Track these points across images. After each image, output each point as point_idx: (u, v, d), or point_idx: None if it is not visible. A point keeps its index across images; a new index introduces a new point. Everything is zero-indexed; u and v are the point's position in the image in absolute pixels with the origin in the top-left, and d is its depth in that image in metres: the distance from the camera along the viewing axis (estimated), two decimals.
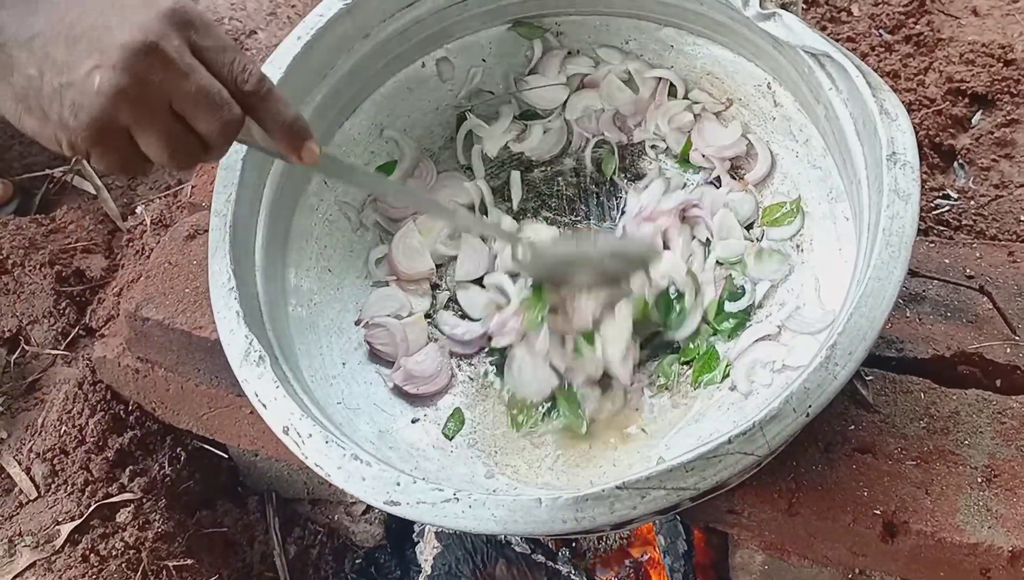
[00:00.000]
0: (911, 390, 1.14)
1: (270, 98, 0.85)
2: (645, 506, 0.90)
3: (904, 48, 1.89)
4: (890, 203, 0.99)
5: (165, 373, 1.36)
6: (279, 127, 0.87)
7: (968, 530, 1.03)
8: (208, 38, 0.82)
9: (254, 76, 0.83)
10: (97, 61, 0.76)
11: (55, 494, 1.39)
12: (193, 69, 0.79)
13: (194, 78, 0.79)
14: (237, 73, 0.83)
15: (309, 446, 0.97)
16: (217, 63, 0.82)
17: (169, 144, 0.80)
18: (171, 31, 0.78)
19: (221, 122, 0.81)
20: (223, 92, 0.81)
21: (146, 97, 0.77)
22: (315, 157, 0.90)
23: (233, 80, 0.82)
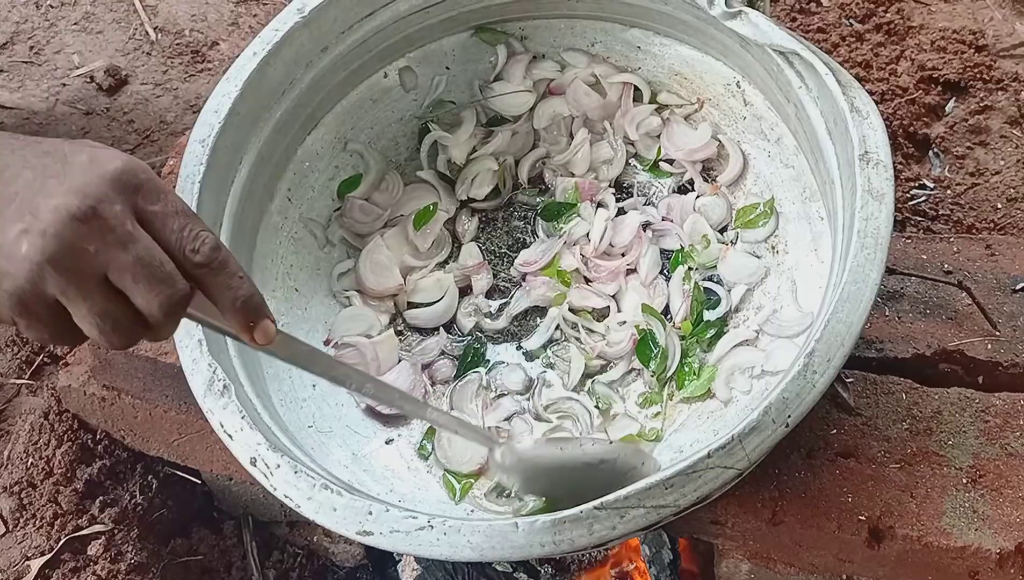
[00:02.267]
0: (892, 391, 1.12)
1: (223, 272, 0.76)
2: (624, 526, 0.88)
3: (875, 37, 1.88)
4: (864, 204, 0.97)
5: (132, 400, 1.32)
6: (231, 304, 0.77)
7: (955, 533, 1.02)
8: (157, 202, 0.73)
9: (206, 245, 0.75)
10: (26, 225, 0.69)
11: (23, 528, 1.35)
12: (134, 238, 0.71)
13: (134, 249, 0.71)
14: (187, 242, 0.74)
15: (278, 477, 0.94)
16: (165, 230, 0.74)
17: (102, 320, 0.72)
18: (114, 194, 0.71)
19: (162, 298, 0.72)
20: (166, 264, 0.73)
21: (77, 267, 0.70)
22: (271, 337, 0.80)
23: (181, 250, 0.74)
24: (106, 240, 0.70)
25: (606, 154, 1.30)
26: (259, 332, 0.79)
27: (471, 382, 1.18)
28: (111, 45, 2.06)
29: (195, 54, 2.04)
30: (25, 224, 0.69)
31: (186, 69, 2.02)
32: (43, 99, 1.97)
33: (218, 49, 2.05)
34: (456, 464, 1.11)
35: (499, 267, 1.27)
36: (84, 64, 2.02)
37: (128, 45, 2.06)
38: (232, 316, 0.78)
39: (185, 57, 2.03)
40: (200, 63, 2.03)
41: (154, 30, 2.08)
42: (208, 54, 2.04)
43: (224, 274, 0.76)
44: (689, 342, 1.16)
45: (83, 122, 1.94)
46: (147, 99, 1.97)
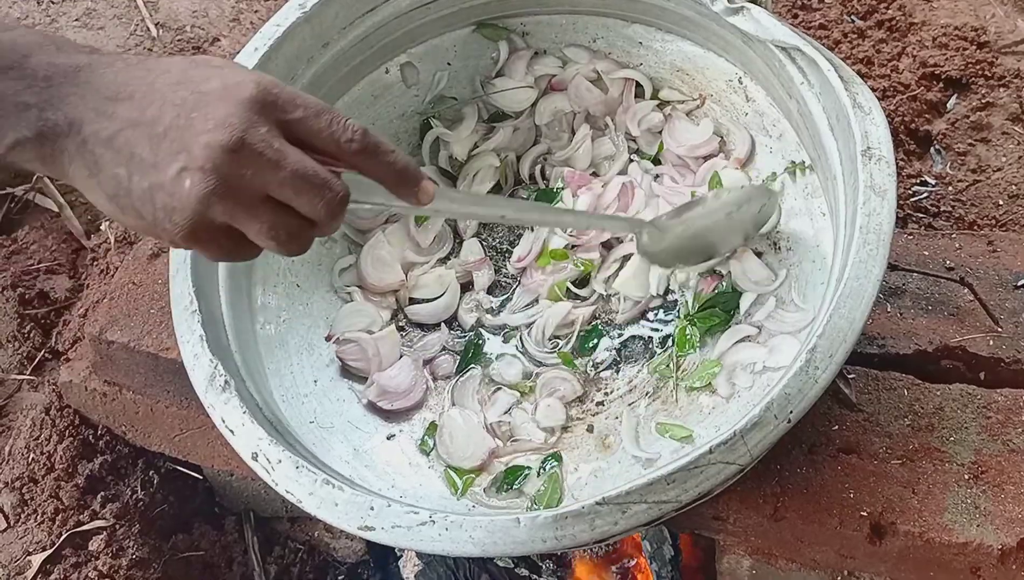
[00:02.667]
0: (894, 387, 1.12)
1: (378, 150, 0.80)
2: (626, 521, 0.88)
3: (877, 34, 1.87)
4: (866, 200, 0.97)
5: (133, 396, 1.32)
6: (394, 178, 0.82)
7: (957, 529, 1.02)
8: (296, 109, 0.77)
9: (357, 133, 0.79)
10: (184, 163, 0.73)
11: (25, 524, 1.35)
12: (284, 155, 0.75)
13: (287, 164, 0.75)
14: (339, 134, 0.78)
15: (279, 472, 0.94)
16: (314, 132, 0.77)
17: (274, 234, 0.76)
18: (257, 118, 0.74)
19: (325, 202, 0.77)
20: (319, 172, 0.76)
21: (239, 193, 0.74)
22: (430, 194, 0.85)
23: (336, 143, 0.78)
24: (260, 163, 0.74)
25: (608, 150, 1.30)
26: (423, 193, 0.84)
27: (472, 377, 1.18)
28: (112, 41, 2.06)
29: (196, 50, 2.03)
30: (182, 162, 0.73)
31: None
32: None
33: (219, 45, 2.05)
34: (458, 460, 1.11)
35: (500, 262, 1.27)
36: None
37: (129, 41, 2.06)
38: (396, 188, 0.83)
39: (186, 53, 2.03)
40: None
41: (155, 26, 2.07)
42: (209, 50, 2.04)
43: (380, 152, 0.81)
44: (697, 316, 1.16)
45: None
46: None
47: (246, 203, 0.75)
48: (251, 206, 0.75)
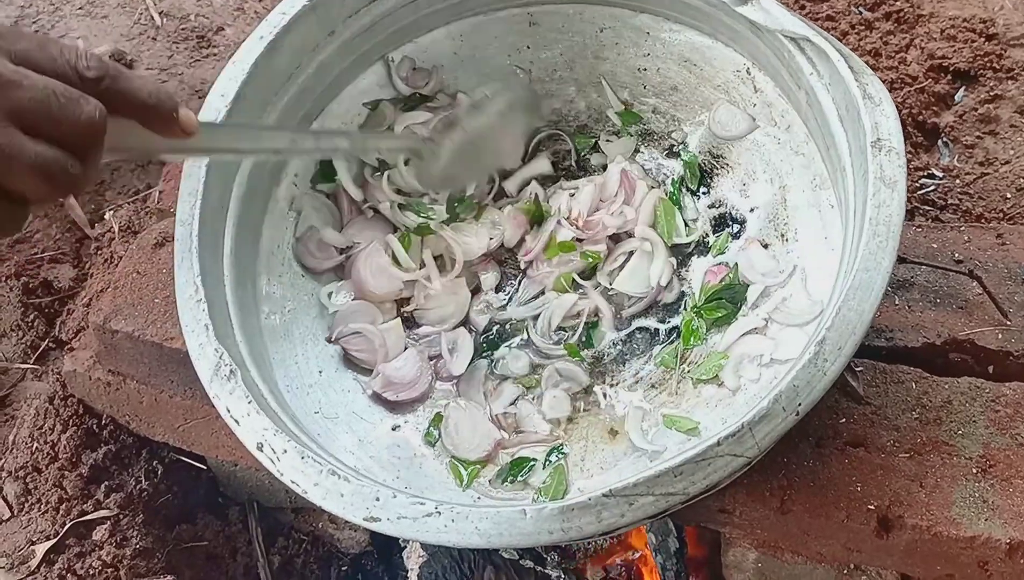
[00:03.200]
0: (902, 380, 1.12)
1: (121, 78, 0.72)
2: (633, 513, 0.87)
3: (884, 25, 1.86)
4: (876, 191, 0.96)
5: (138, 385, 1.32)
6: (142, 104, 0.74)
7: (964, 523, 1.01)
8: (20, 40, 0.70)
9: (93, 59, 0.71)
10: None
11: (29, 513, 1.35)
12: (24, 74, 0.67)
13: (30, 82, 0.67)
14: (74, 61, 0.70)
15: (284, 462, 0.94)
16: (45, 61, 0.70)
17: (41, 168, 0.68)
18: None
19: (84, 117, 0.69)
20: (68, 87, 0.69)
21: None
22: (193, 123, 0.77)
23: (73, 70, 0.70)
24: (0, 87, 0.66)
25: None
26: (182, 119, 0.76)
27: (478, 369, 1.18)
28: (116, 30, 2.05)
29: (200, 39, 2.02)
30: None
31: (191, 54, 2.01)
32: None
33: (223, 34, 2.04)
34: (464, 451, 1.10)
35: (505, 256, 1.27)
36: (89, 49, 2.01)
37: (133, 30, 2.05)
38: (149, 116, 0.74)
39: (190, 42, 2.02)
40: (205, 48, 2.02)
41: (159, 15, 2.06)
42: (213, 39, 2.03)
43: (123, 78, 0.73)
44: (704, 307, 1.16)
45: None
46: None
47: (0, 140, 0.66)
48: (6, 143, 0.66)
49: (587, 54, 1.31)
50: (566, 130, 1.34)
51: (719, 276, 1.17)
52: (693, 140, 1.28)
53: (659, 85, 1.29)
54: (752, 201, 1.22)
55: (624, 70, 1.30)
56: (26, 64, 0.69)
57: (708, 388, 1.12)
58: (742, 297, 1.14)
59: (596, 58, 1.31)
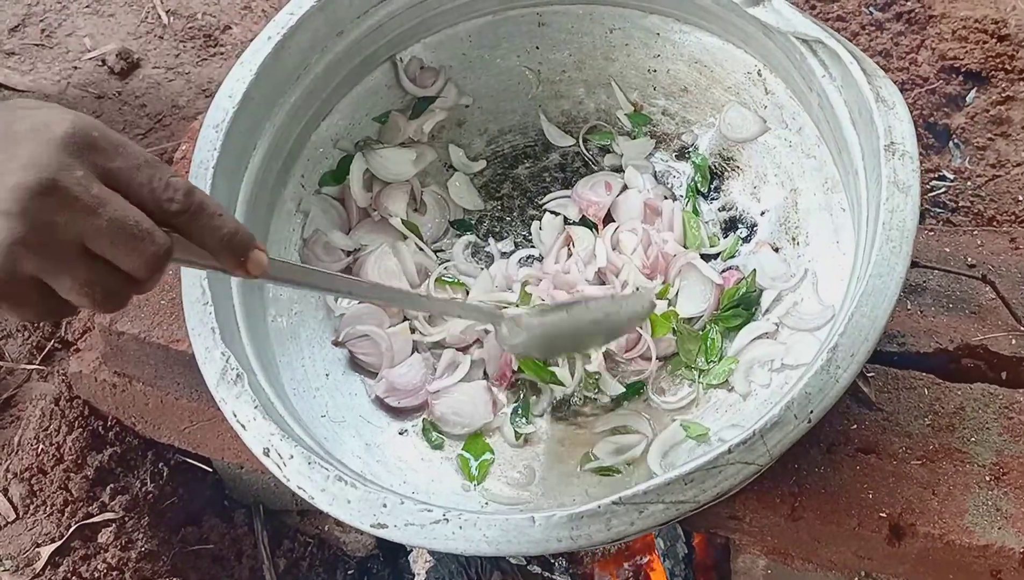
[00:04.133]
0: (914, 386, 1.10)
1: (202, 214, 0.73)
2: (643, 521, 0.86)
3: (895, 26, 1.85)
4: (889, 196, 0.95)
5: (143, 387, 1.31)
6: (218, 244, 0.75)
7: (977, 531, 1.00)
8: (118, 157, 0.70)
9: (179, 192, 0.71)
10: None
11: (34, 515, 1.34)
12: (103, 202, 0.68)
13: (106, 212, 0.68)
14: (159, 193, 0.71)
15: (290, 468, 0.93)
16: (133, 185, 0.70)
17: (90, 289, 0.69)
18: (71, 161, 0.67)
19: (146, 257, 0.69)
20: (142, 221, 0.69)
21: (51, 242, 0.67)
22: (264, 268, 0.78)
23: (156, 202, 0.71)
24: (74, 209, 0.67)
25: None
26: (252, 265, 0.77)
27: None
28: (123, 28, 2.05)
29: (207, 38, 2.02)
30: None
31: (198, 53, 2.01)
32: (54, 82, 1.95)
33: (231, 33, 2.03)
34: (469, 423, 1.11)
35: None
36: (96, 47, 2.01)
37: (140, 28, 2.04)
38: (221, 255, 0.76)
39: (197, 41, 2.02)
40: (212, 47, 2.01)
41: (166, 13, 2.06)
42: (221, 38, 2.02)
43: (204, 216, 0.73)
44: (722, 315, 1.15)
45: (95, 106, 1.92)
46: (159, 83, 1.96)
47: (58, 254, 0.67)
48: (64, 258, 0.67)
49: (596, 55, 1.30)
50: (573, 132, 1.33)
51: (731, 281, 1.15)
52: (703, 142, 1.27)
53: (669, 86, 1.28)
54: (763, 204, 1.21)
55: (634, 71, 1.29)
56: (114, 184, 0.69)
57: (718, 393, 1.12)
58: (755, 302, 1.13)
59: (605, 59, 1.30)
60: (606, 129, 1.31)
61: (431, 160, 1.28)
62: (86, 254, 0.68)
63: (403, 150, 1.27)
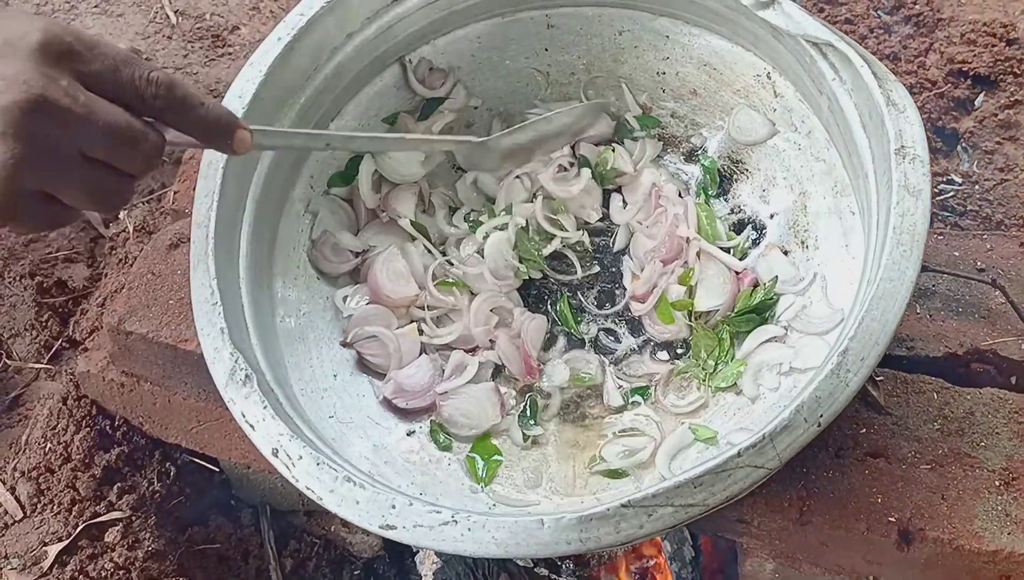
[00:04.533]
0: (923, 390, 1.10)
1: (186, 104, 0.76)
2: (652, 524, 0.86)
3: (904, 29, 1.85)
4: (900, 199, 0.95)
5: (151, 387, 1.31)
6: (204, 131, 0.79)
7: (987, 537, 1.00)
8: (95, 60, 0.71)
9: (162, 85, 0.74)
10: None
11: (41, 514, 1.35)
12: (92, 108, 0.69)
13: (96, 117, 0.69)
14: (143, 88, 0.73)
15: (299, 468, 0.93)
16: (117, 85, 0.72)
17: (93, 194, 0.72)
18: (52, 72, 0.68)
19: (142, 155, 0.73)
20: (132, 122, 0.72)
21: (51, 156, 0.68)
22: (247, 145, 0.84)
23: (140, 97, 0.73)
24: (67, 121, 0.68)
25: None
26: (237, 144, 0.83)
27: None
28: (131, 28, 2.05)
29: (215, 39, 2.02)
30: None
31: (206, 53, 2.01)
32: None
33: (239, 34, 2.04)
34: (478, 424, 1.12)
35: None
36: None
37: (148, 28, 2.05)
38: (207, 140, 0.81)
39: (205, 41, 2.02)
40: (220, 48, 2.01)
41: (175, 13, 2.06)
42: (229, 39, 2.03)
43: (187, 106, 0.77)
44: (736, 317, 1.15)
45: None
46: None
47: (60, 166, 0.69)
48: (66, 168, 0.69)
49: (605, 57, 1.30)
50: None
51: (747, 280, 1.15)
52: (712, 145, 1.27)
53: (678, 89, 1.28)
54: (772, 207, 1.21)
55: (643, 73, 1.29)
56: (97, 87, 0.71)
57: (726, 396, 1.11)
58: (770, 308, 1.13)
59: (615, 61, 1.30)
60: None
61: (439, 161, 1.28)
62: (85, 160, 0.71)
63: (412, 152, 1.27)
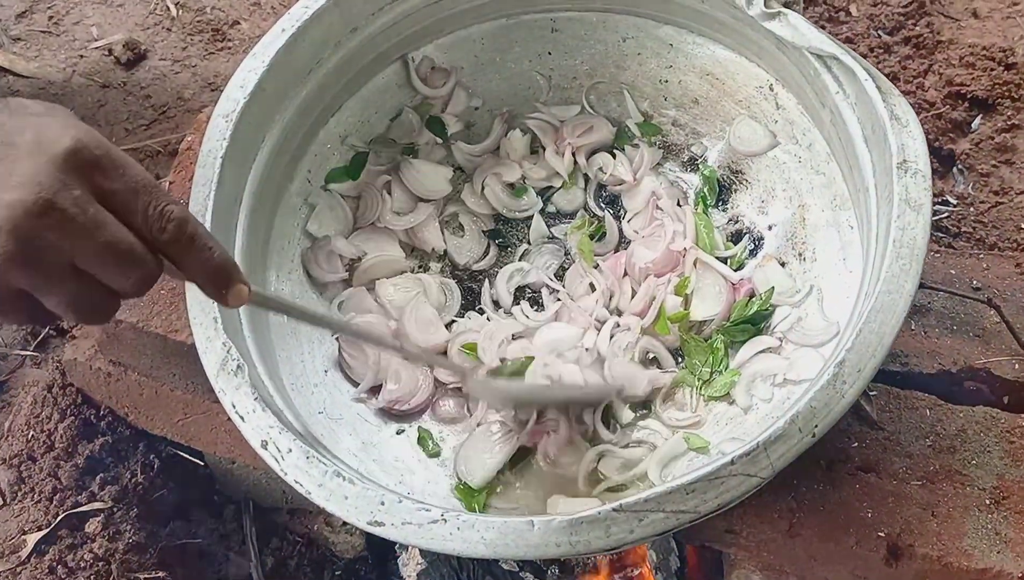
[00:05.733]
0: (916, 406, 1.10)
1: (192, 246, 0.74)
2: (643, 529, 0.85)
3: (903, 50, 1.86)
4: (901, 213, 0.95)
5: (138, 377, 1.30)
6: (203, 276, 0.77)
7: (976, 555, 0.99)
8: (117, 179, 0.70)
9: (173, 222, 0.72)
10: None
11: (21, 502, 1.33)
12: (98, 224, 0.68)
13: (99, 234, 0.68)
14: (153, 220, 0.71)
15: (288, 462, 0.92)
16: (129, 208, 0.71)
17: (75, 305, 0.70)
18: (70, 180, 0.67)
19: (134, 279, 0.71)
20: (135, 246, 0.70)
21: (42, 260, 0.67)
22: (243, 300, 0.80)
23: (149, 229, 0.72)
24: (68, 230, 0.67)
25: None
26: (232, 297, 0.79)
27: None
28: (131, 19, 2.04)
29: (215, 32, 2.01)
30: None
31: (206, 47, 2.00)
32: (60, 70, 1.95)
33: (239, 28, 2.03)
34: (480, 475, 1.08)
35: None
36: (103, 37, 2.00)
37: (148, 20, 2.04)
38: (205, 286, 0.78)
39: (205, 35, 2.01)
40: (220, 41, 2.01)
41: (175, 6, 2.05)
42: (228, 32, 2.02)
43: (193, 248, 0.75)
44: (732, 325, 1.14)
45: (99, 95, 1.92)
46: (165, 75, 1.95)
47: (47, 272, 0.68)
48: (53, 275, 0.68)
49: (608, 63, 1.30)
50: None
51: (743, 290, 1.15)
52: (712, 154, 1.27)
53: (680, 97, 1.28)
54: (770, 218, 1.21)
55: (645, 81, 1.29)
56: (111, 204, 0.70)
57: (719, 406, 1.11)
58: (765, 319, 1.13)
59: (617, 67, 1.30)
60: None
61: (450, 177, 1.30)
62: (75, 271, 0.69)
63: (439, 167, 1.27)
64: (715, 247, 1.20)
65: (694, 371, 1.12)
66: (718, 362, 1.12)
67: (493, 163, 1.31)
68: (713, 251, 1.20)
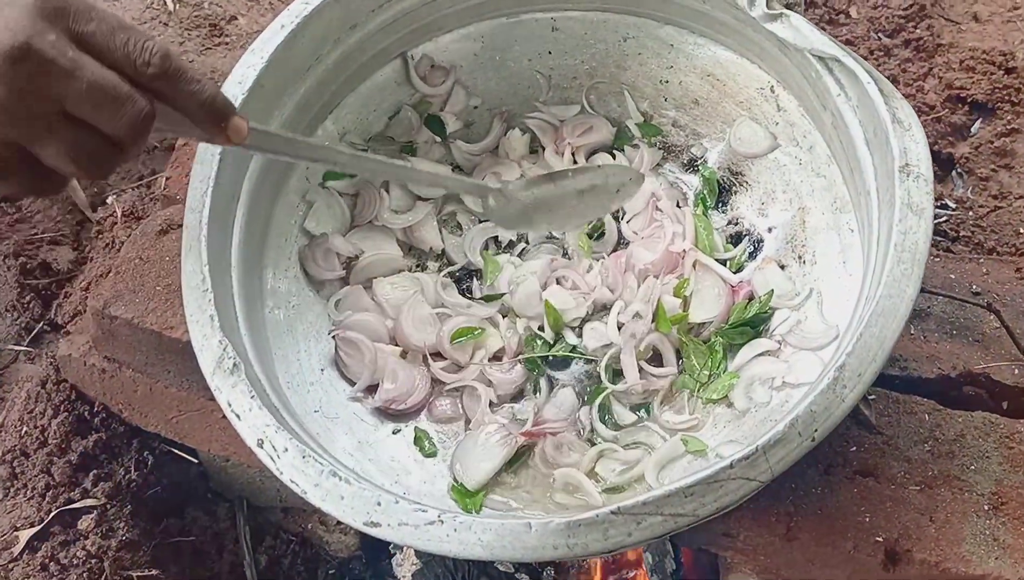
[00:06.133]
0: (915, 411, 1.10)
1: (180, 77, 0.73)
2: (641, 533, 0.85)
3: (903, 53, 1.85)
4: (902, 217, 0.94)
5: (133, 374, 1.29)
6: (197, 108, 0.75)
7: (974, 560, 0.99)
8: (91, 21, 0.70)
9: (156, 55, 0.71)
10: None
11: (14, 498, 1.32)
12: (79, 65, 0.68)
13: (83, 74, 0.68)
14: (135, 55, 0.70)
15: (284, 461, 0.91)
16: (109, 49, 0.70)
17: (73, 154, 0.69)
18: (44, 25, 0.67)
19: (128, 118, 0.70)
20: (121, 84, 0.69)
21: (32, 107, 0.67)
22: (243, 134, 0.78)
23: (132, 64, 0.70)
24: (51, 73, 0.67)
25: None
26: (232, 131, 0.77)
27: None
28: (128, 13, 2.02)
29: (213, 27, 2.00)
30: None
31: (203, 42, 1.99)
32: None
33: (236, 24, 2.02)
34: (476, 477, 1.07)
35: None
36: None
37: (145, 14, 2.02)
38: (199, 120, 0.76)
39: (202, 30, 2.00)
40: (217, 37, 1.99)
41: (172, 1, 2.04)
42: (226, 28, 2.01)
43: (182, 80, 0.73)
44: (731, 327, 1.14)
45: None
46: None
47: (40, 119, 0.67)
48: (45, 122, 0.68)
49: (609, 63, 1.29)
50: None
51: (742, 293, 1.14)
52: (713, 156, 1.26)
53: (680, 98, 1.27)
54: (770, 220, 1.20)
55: (645, 81, 1.29)
56: (89, 48, 0.69)
57: (717, 409, 1.10)
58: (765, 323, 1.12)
59: (618, 67, 1.29)
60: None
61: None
62: (68, 118, 0.69)
63: (438, 166, 1.27)
64: (714, 249, 1.20)
65: (692, 373, 1.12)
66: (716, 365, 1.11)
67: (492, 162, 1.30)
68: (712, 253, 1.19)
